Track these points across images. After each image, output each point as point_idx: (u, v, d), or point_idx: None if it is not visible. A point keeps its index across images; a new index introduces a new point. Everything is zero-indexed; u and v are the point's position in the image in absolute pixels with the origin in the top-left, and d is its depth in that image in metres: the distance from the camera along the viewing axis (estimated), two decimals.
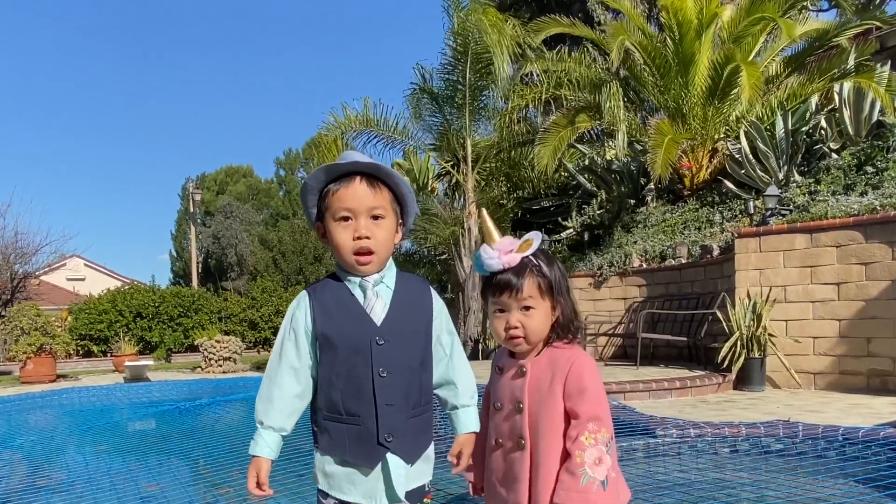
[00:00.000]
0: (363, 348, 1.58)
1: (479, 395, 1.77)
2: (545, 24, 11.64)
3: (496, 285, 1.61)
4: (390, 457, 1.59)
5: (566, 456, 1.53)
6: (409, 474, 1.62)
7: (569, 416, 1.55)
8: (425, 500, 1.68)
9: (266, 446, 1.62)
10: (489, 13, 10.86)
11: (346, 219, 1.60)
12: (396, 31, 70.39)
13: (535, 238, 1.61)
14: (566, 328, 1.63)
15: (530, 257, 1.61)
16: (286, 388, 1.62)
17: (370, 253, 1.60)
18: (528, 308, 1.59)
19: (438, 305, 1.72)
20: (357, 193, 1.60)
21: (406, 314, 1.64)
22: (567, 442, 1.53)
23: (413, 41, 64.56)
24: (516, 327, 1.60)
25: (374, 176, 1.63)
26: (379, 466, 1.59)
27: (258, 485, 1.61)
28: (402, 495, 1.60)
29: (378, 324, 1.60)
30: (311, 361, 1.63)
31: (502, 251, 1.60)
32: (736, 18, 10.57)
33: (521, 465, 1.59)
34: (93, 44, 65.25)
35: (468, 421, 1.73)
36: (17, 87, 63.54)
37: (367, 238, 1.59)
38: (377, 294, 1.63)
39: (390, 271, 1.68)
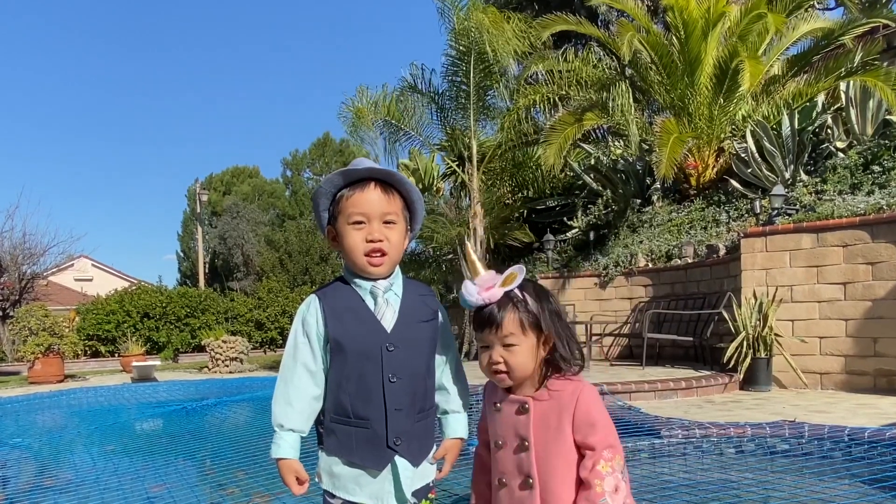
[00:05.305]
0: (374, 354, 1.60)
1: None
2: (551, 21, 11.59)
3: (477, 321, 1.58)
4: (398, 459, 1.61)
5: (580, 486, 1.51)
6: (416, 475, 1.65)
7: (579, 449, 1.53)
8: (430, 495, 1.72)
9: (290, 447, 1.62)
10: (489, 12, 10.83)
11: (359, 223, 1.62)
12: (408, 28, 70.46)
13: (519, 272, 1.57)
14: (564, 361, 1.58)
15: (515, 291, 1.56)
16: (304, 390, 1.63)
17: (383, 254, 1.62)
18: (509, 345, 1.55)
19: (442, 313, 1.74)
20: (371, 199, 1.62)
21: (414, 322, 1.66)
22: (583, 472, 1.51)
23: (424, 39, 64.60)
24: (498, 363, 1.56)
25: (387, 182, 1.66)
26: (387, 468, 1.61)
27: (300, 482, 1.61)
28: (409, 496, 1.63)
29: (388, 330, 1.62)
30: (324, 364, 1.64)
31: (482, 287, 1.57)
32: (738, 17, 10.55)
33: None
34: (99, 44, 65.48)
35: (457, 426, 1.76)
36: (23, 86, 63.82)
37: (380, 241, 1.61)
38: (387, 301, 1.65)
39: (398, 279, 1.70)
